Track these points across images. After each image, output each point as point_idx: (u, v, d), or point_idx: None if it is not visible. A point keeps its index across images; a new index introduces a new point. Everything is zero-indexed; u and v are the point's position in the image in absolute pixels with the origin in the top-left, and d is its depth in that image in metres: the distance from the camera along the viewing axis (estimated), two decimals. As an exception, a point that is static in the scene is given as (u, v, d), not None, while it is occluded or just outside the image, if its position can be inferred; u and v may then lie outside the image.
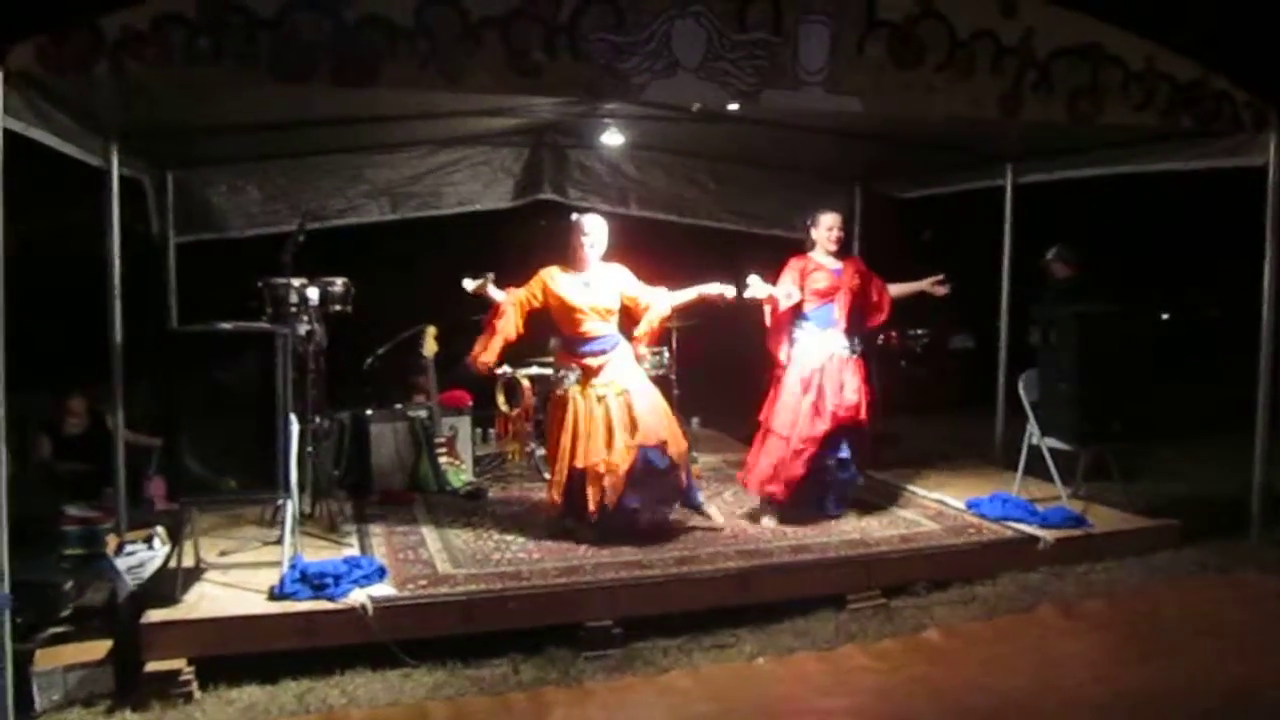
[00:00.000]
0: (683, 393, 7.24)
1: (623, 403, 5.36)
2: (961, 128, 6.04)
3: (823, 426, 5.66)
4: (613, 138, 7.11)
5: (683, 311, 5.93)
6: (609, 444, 5.30)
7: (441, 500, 6.51)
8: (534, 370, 6.95)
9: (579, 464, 5.30)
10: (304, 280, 5.81)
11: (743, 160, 8.17)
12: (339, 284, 6.06)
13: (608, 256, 5.53)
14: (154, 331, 5.56)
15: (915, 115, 5.27)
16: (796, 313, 5.79)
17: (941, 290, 6.03)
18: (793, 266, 5.82)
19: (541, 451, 6.79)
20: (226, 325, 4.77)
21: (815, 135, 6.88)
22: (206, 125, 5.77)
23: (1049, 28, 5.19)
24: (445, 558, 5.18)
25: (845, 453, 5.79)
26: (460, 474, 6.83)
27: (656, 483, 5.41)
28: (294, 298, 5.72)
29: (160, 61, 4.02)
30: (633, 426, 5.32)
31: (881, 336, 8.32)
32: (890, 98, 4.99)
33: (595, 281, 5.46)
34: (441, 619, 4.56)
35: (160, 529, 5.24)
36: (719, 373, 8.75)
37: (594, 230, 5.44)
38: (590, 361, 5.41)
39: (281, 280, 5.71)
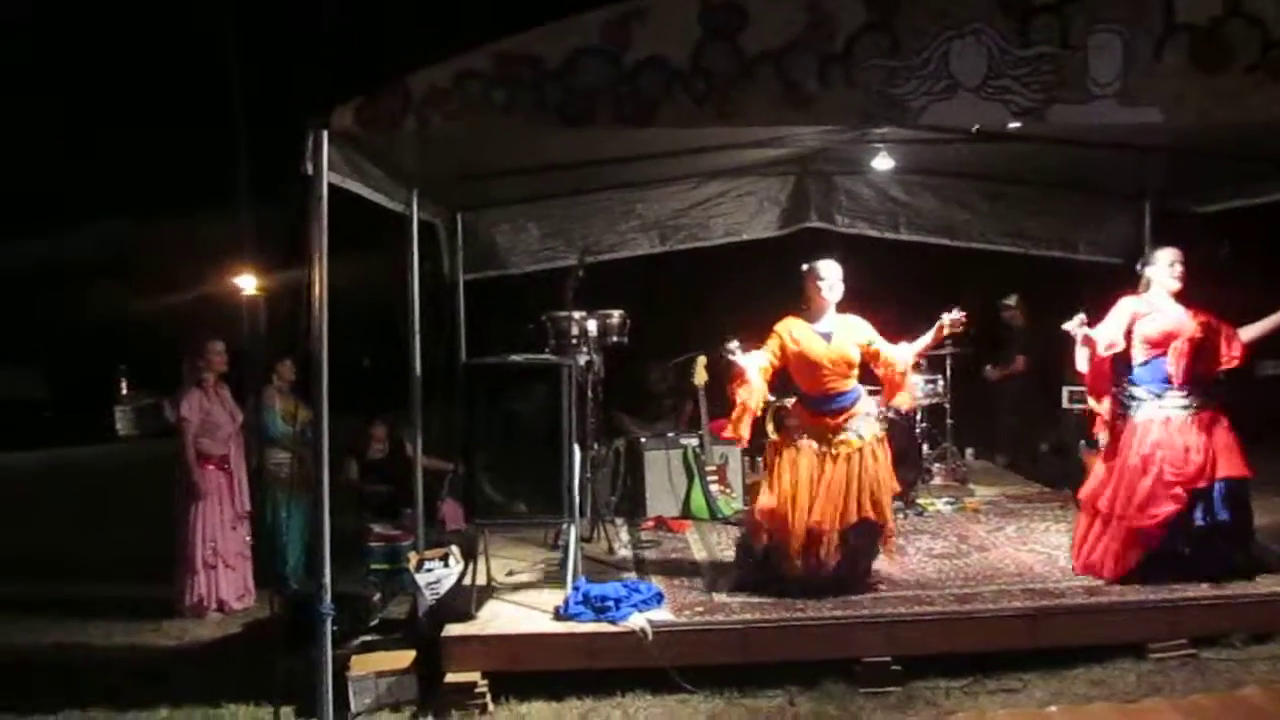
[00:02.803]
0: (957, 421, 6.99)
1: (857, 462, 5.09)
2: (1274, 133, 5.50)
3: (1167, 508, 4.95)
4: (883, 162, 6.94)
5: (924, 353, 5.54)
6: (838, 506, 5.03)
7: (714, 527, 6.58)
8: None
9: (814, 522, 5.00)
10: (583, 313, 6.07)
11: (1017, 178, 7.79)
12: (615, 316, 6.29)
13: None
14: (445, 363, 5.97)
15: (1223, 123, 4.84)
16: (1124, 365, 5.23)
17: None
18: (1121, 309, 5.22)
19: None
20: (518, 358, 5.05)
21: (1098, 149, 6.46)
22: (493, 170, 6.15)
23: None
24: (720, 586, 5.22)
25: (1203, 521, 4.99)
26: (731, 502, 6.89)
27: (862, 546, 5.17)
28: (575, 330, 5.98)
29: (460, 114, 4.31)
30: (860, 491, 5.07)
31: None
32: (1193, 106, 4.59)
33: (835, 333, 5.20)
34: (718, 647, 4.61)
35: (454, 548, 5.58)
36: (995, 400, 8.38)
37: (830, 275, 5.21)
38: (830, 421, 5.16)
39: (563, 314, 5.98)
